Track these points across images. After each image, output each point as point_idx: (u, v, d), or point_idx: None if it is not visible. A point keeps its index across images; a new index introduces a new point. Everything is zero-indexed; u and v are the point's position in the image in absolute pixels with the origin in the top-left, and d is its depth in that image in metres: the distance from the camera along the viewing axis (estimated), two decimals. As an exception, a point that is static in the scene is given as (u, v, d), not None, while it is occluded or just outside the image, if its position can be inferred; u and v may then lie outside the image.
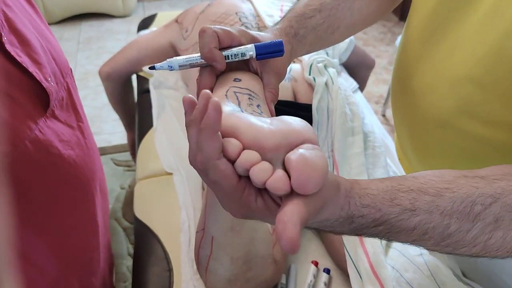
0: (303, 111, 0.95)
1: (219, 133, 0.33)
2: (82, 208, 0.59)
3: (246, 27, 1.14)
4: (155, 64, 0.48)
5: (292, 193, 0.32)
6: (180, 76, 1.30)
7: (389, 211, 0.36)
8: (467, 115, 0.52)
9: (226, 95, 0.42)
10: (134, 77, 1.42)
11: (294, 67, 1.06)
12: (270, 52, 0.47)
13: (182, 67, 0.47)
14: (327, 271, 0.79)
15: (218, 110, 0.31)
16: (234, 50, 0.47)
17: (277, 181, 0.31)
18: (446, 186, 0.38)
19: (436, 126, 0.58)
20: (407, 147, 0.69)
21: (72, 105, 0.60)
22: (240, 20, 1.12)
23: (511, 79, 0.45)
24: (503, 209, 0.36)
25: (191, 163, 0.35)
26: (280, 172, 0.31)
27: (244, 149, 0.33)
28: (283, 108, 0.94)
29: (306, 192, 0.31)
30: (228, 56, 0.47)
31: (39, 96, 0.50)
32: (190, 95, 0.35)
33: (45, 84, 0.50)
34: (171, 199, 0.97)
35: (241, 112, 0.37)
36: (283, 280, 0.77)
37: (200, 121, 0.32)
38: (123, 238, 1.60)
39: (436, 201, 0.37)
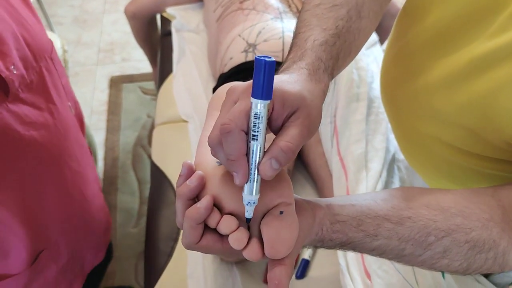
0: (311, 75, 0.98)
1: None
2: (48, 180, 0.67)
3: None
4: None
5: None
6: (202, 19, 1.33)
7: (354, 236, 0.42)
8: (436, 139, 0.57)
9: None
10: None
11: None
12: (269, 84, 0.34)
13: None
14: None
15: (205, 208, 0.36)
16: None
17: (250, 252, 0.37)
18: (408, 215, 0.43)
19: (416, 140, 0.62)
20: (399, 143, 0.73)
21: (44, 88, 0.65)
22: None
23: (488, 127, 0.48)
24: (452, 243, 0.43)
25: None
26: (253, 245, 0.37)
27: (224, 214, 0.37)
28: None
29: (277, 258, 0.37)
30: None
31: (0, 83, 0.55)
32: (189, 162, 0.39)
33: (4, 73, 0.55)
34: (186, 145, 1.06)
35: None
36: (306, 256, 0.85)
37: (186, 199, 0.37)
38: (147, 164, 1.73)
39: (396, 228, 0.42)
